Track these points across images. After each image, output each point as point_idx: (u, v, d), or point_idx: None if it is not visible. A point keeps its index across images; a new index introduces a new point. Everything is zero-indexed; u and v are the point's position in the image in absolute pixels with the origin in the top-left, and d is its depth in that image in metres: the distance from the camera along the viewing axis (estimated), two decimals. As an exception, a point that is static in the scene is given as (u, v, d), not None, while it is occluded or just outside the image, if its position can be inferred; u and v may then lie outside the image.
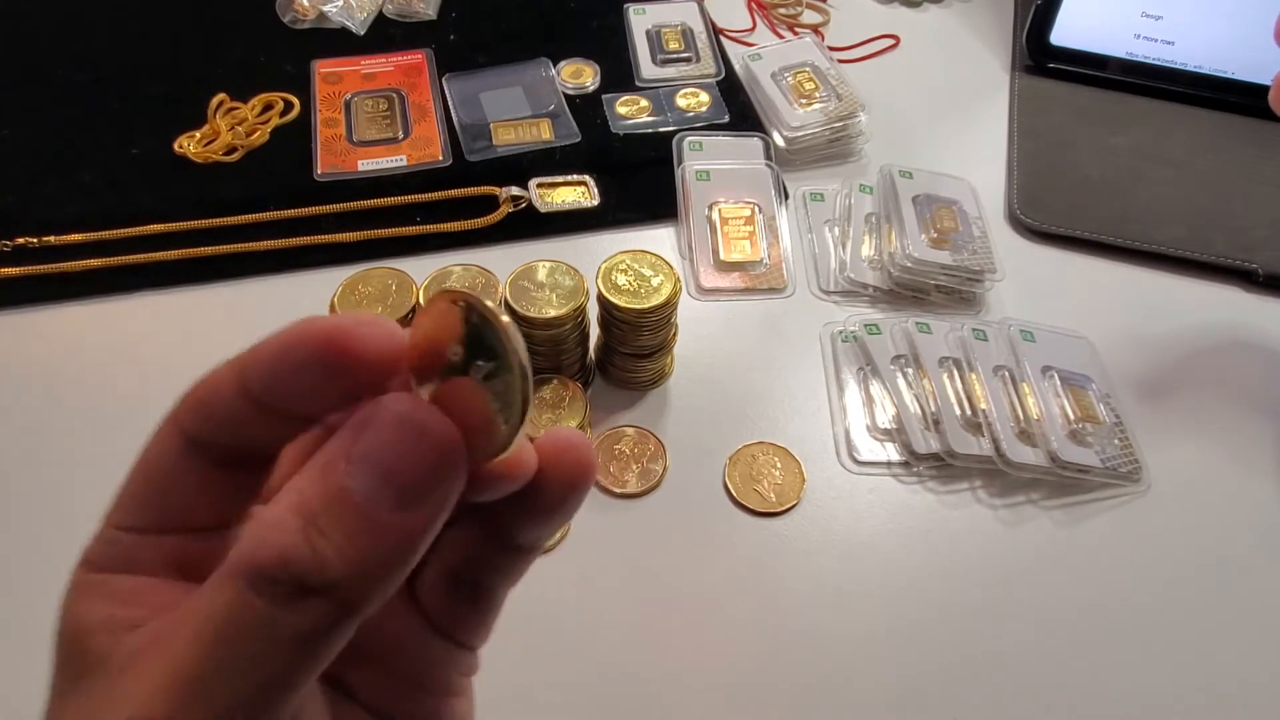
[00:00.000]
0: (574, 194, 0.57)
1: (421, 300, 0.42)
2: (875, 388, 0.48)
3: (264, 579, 0.16)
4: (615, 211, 0.57)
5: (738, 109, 0.63)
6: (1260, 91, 0.63)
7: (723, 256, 0.54)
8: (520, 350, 0.17)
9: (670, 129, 0.61)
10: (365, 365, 0.18)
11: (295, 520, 0.17)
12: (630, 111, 0.62)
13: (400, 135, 0.60)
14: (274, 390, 0.19)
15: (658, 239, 0.56)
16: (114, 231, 0.53)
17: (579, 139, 0.60)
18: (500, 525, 0.21)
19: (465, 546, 0.21)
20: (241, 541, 0.17)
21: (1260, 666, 0.40)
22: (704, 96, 0.63)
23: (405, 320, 0.42)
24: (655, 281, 0.44)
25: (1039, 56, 0.66)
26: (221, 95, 0.62)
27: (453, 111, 0.62)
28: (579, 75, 0.65)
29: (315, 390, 0.18)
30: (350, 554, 0.17)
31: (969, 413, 0.46)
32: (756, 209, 0.56)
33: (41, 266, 0.52)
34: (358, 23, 0.68)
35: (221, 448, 0.19)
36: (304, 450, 0.21)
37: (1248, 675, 0.40)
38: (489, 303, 0.18)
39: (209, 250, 0.53)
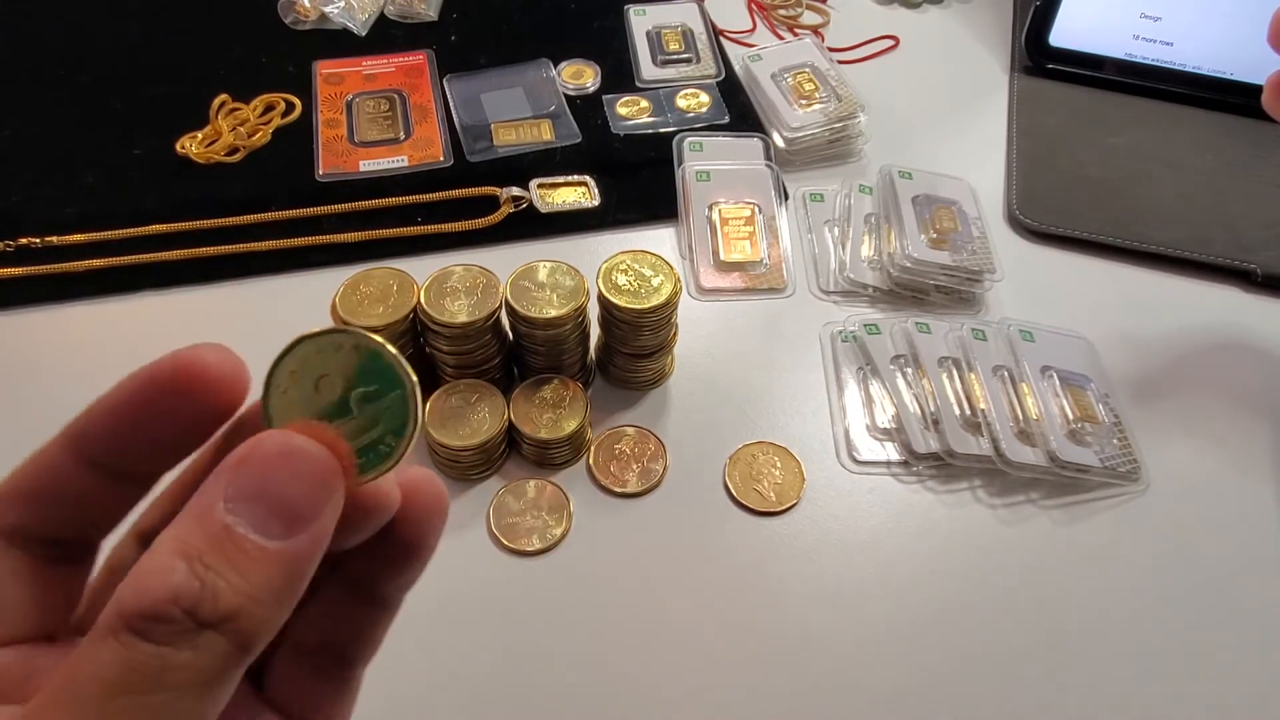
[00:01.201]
0: (575, 194, 0.57)
1: (423, 300, 0.42)
2: (875, 388, 0.48)
3: (153, 620, 0.16)
4: (616, 212, 0.57)
5: (738, 110, 0.63)
6: (1258, 92, 0.63)
7: (723, 257, 0.54)
8: (409, 369, 0.19)
9: (670, 130, 0.61)
10: (218, 389, 0.19)
11: (179, 562, 0.16)
12: (631, 112, 0.62)
13: (401, 136, 0.60)
14: (121, 447, 0.19)
15: (658, 239, 0.56)
16: (116, 232, 0.54)
17: (579, 139, 0.60)
18: (361, 578, 0.21)
19: (324, 614, 0.21)
20: (118, 595, 0.16)
21: (1259, 666, 0.41)
22: (704, 97, 0.64)
23: (404, 320, 0.42)
24: (655, 281, 0.44)
25: (1038, 57, 0.66)
26: (223, 96, 0.62)
27: (454, 112, 0.62)
28: (579, 76, 0.65)
29: (165, 435, 0.19)
30: (241, 585, 0.16)
31: (968, 412, 0.46)
32: (756, 209, 0.56)
33: (44, 267, 0.52)
34: (359, 24, 0.68)
35: (50, 540, 0.19)
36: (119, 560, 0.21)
37: (1246, 674, 0.40)
38: (361, 329, 0.19)
39: (211, 250, 0.53)
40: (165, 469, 0.19)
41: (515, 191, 0.56)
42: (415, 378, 0.19)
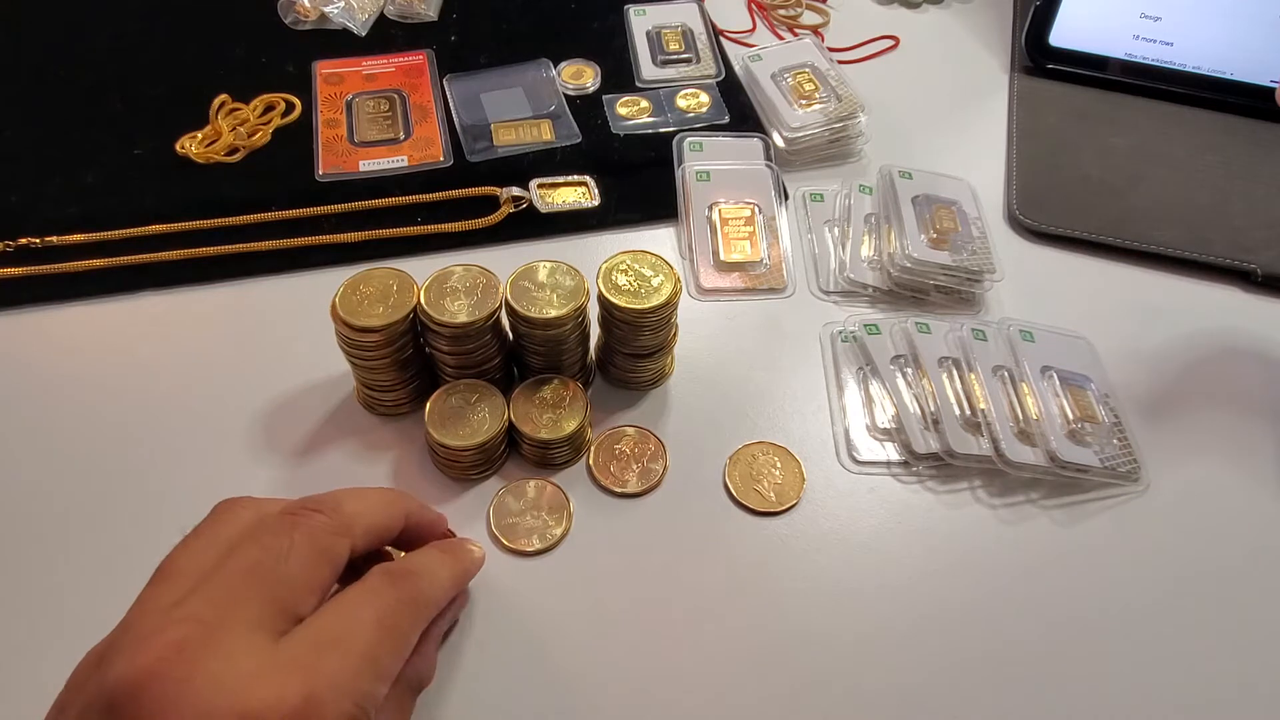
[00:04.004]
0: (575, 194, 0.57)
1: (423, 300, 0.42)
2: (875, 388, 0.48)
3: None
4: (616, 212, 0.57)
5: (738, 110, 0.63)
6: (1259, 92, 0.63)
7: (723, 257, 0.54)
8: None
9: (670, 130, 0.61)
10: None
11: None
12: (631, 112, 0.62)
13: (401, 136, 0.60)
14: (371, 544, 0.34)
15: (658, 239, 0.56)
16: (116, 232, 0.54)
17: (579, 140, 0.60)
18: None
19: None
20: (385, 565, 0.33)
21: (1259, 666, 0.41)
22: (704, 97, 0.64)
23: (404, 320, 0.42)
24: (655, 282, 0.44)
25: (1038, 57, 0.66)
26: (223, 96, 0.62)
27: (454, 112, 0.62)
28: (579, 76, 0.65)
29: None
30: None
31: (968, 412, 0.46)
32: (756, 209, 0.56)
33: (44, 267, 0.52)
34: (359, 24, 0.68)
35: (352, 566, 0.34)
36: None
37: (1246, 674, 0.40)
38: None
39: (211, 250, 0.53)
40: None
41: (515, 191, 0.56)
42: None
